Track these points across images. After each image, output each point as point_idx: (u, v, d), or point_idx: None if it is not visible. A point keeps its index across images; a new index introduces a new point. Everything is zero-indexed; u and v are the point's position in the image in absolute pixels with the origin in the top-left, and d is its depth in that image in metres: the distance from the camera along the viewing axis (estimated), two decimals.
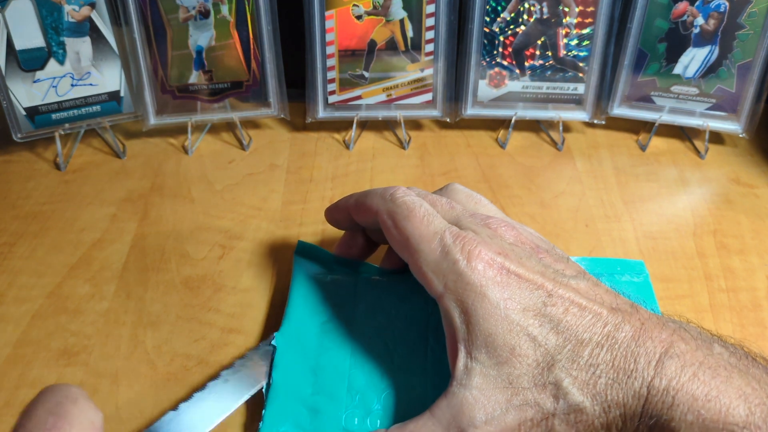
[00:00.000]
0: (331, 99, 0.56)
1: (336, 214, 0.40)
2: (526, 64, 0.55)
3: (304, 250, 0.42)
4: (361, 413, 0.34)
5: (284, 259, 0.46)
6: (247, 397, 0.35)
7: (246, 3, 0.52)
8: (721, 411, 0.26)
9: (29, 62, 0.51)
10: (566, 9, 0.53)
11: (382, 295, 0.39)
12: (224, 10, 0.52)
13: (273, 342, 0.37)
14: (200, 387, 0.35)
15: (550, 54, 0.55)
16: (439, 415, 0.30)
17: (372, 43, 0.54)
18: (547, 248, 0.35)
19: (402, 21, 0.53)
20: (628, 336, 0.29)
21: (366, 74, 0.55)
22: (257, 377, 0.36)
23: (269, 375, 0.36)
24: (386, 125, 0.59)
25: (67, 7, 0.50)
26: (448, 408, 0.30)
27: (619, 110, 0.57)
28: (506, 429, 0.29)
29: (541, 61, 0.55)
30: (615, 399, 0.28)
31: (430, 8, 0.53)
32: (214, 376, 0.36)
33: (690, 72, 0.54)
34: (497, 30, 0.54)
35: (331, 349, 0.37)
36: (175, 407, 0.34)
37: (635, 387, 0.27)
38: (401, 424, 0.31)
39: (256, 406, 0.36)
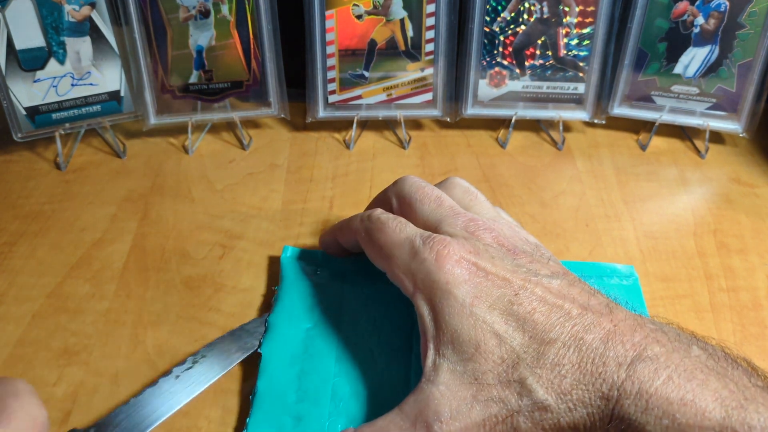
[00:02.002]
0: (332, 99, 0.56)
1: (325, 237, 0.43)
2: (527, 63, 0.55)
3: (291, 255, 0.43)
4: (344, 420, 0.34)
5: None
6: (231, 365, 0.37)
7: (246, 3, 0.52)
8: (697, 415, 0.26)
9: (29, 62, 0.51)
10: (566, 8, 0.53)
11: (368, 302, 0.40)
12: (224, 9, 0.52)
13: (266, 318, 0.39)
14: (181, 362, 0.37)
15: (550, 54, 0.55)
16: (407, 410, 0.30)
17: (372, 43, 0.54)
18: (527, 250, 0.35)
19: (402, 21, 0.53)
20: (597, 338, 0.29)
21: (366, 74, 0.55)
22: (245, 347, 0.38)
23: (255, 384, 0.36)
24: (386, 125, 0.59)
25: (67, 7, 0.50)
26: (416, 403, 0.30)
27: (619, 110, 0.57)
28: (471, 424, 0.29)
29: (541, 61, 0.55)
30: (581, 398, 0.28)
31: (430, 8, 0.53)
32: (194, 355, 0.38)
33: (690, 71, 0.54)
34: (497, 30, 0.54)
35: (316, 355, 0.37)
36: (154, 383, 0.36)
37: (603, 389, 0.27)
38: (371, 422, 0.31)
39: (242, 415, 0.36)
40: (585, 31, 0.54)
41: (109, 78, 0.53)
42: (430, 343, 0.31)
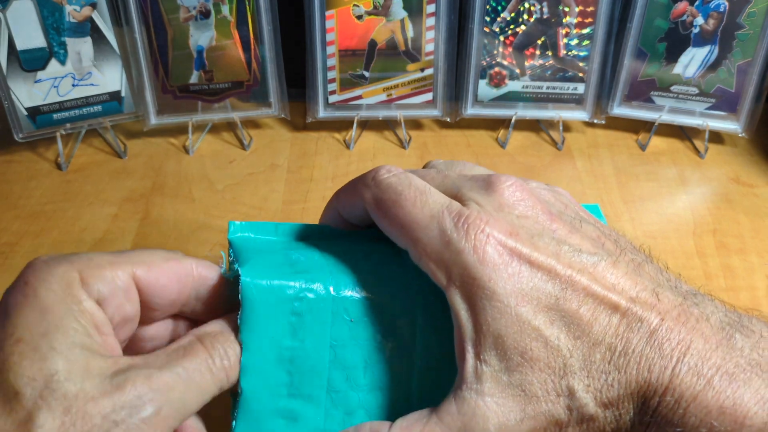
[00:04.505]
0: (332, 99, 0.56)
1: (325, 213, 0.35)
2: (527, 63, 0.55)
3: (241, 230, 0.34)
4: (340, 414, 0.31)
5: None
6: None
7: (246, 3, 0.52)
8: (736, 422, 0.25)
9: (31, 62, 0.51)
10: (566, 9, 0.53)
11: (359, 265, 0.31)
12: (225, 10, 0.52)
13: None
14: None
15: (550, 54, 0.55)
16: (448, 421, 0.28)
17: (372, 43, 0.54)
18: (559, 209, 0.31)
19: (402, 21, 0.53)
20: (644, 338, 0.27)
21: (366, 74, 0.55)
22: None
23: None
24: (386, 125, 0.59)
25: (68, 8, 0.50)
26: (459, 415, 0.28)
27: (619, 110, 0.57)
28: None
29: (541, 61, 0.55)
30: (627, 409, 0.27)
31: (430, 8, 0.53)
32: None
33: (690, 72, 0.54)
34: (497, 30, 0.54)
35: (307, 340, 0.30)
36: None
37: (647, 396, 0.26)
38: (404, 424, 0.29)
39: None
40: (585, 31, 0.54)
41: (110, 78, 0.53)
42: (468, 344, 0.28)
